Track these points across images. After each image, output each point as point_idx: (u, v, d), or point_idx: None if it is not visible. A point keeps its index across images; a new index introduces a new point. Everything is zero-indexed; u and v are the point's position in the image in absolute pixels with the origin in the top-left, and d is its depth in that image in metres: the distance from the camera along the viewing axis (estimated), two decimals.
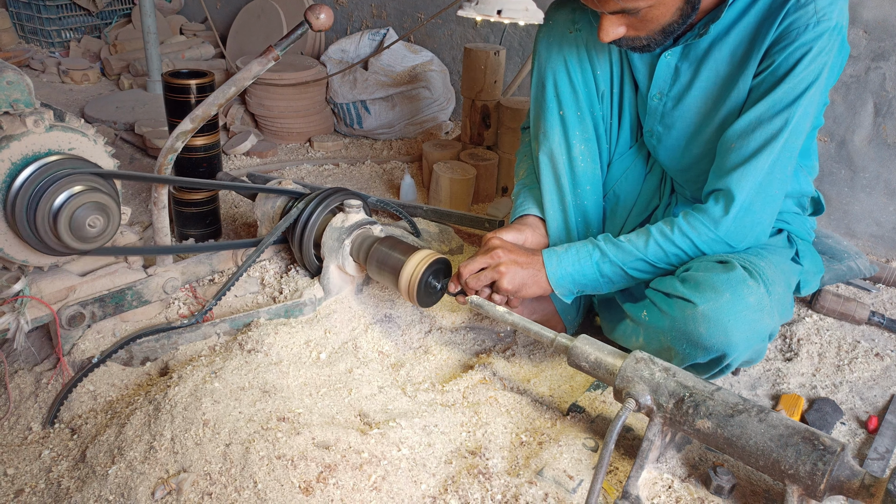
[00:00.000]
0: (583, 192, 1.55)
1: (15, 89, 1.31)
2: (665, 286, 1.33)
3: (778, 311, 1.33)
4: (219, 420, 1.23)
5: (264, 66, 1.43)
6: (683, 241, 1.35)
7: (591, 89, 1.50)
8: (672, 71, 1.40)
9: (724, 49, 1.33)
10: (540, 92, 1.52)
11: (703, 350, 1.27)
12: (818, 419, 1.47)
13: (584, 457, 1.28)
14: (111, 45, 3.77)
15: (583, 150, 1.52)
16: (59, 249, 1.35)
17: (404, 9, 3.22)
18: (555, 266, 1.41)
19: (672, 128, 1.44)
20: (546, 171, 1.55)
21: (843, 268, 1.91)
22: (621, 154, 1.58)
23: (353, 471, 1.18)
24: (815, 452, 1.04)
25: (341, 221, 1.61)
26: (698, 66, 1.37)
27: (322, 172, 2.65)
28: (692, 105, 1.40)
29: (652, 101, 1.45)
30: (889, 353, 1.71)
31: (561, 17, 1.48)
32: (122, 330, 1.52)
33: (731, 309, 1.24)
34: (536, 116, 1.55)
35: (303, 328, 1.53)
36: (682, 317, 1.27)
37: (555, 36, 1.48)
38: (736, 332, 1.24)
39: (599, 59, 1.47)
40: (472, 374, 1.52)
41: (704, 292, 1.26)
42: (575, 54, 1.47)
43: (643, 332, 1.40)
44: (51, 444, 1.29)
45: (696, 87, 1.38)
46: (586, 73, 1.48)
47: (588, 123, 1.51)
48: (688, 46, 1.37)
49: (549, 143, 1.53)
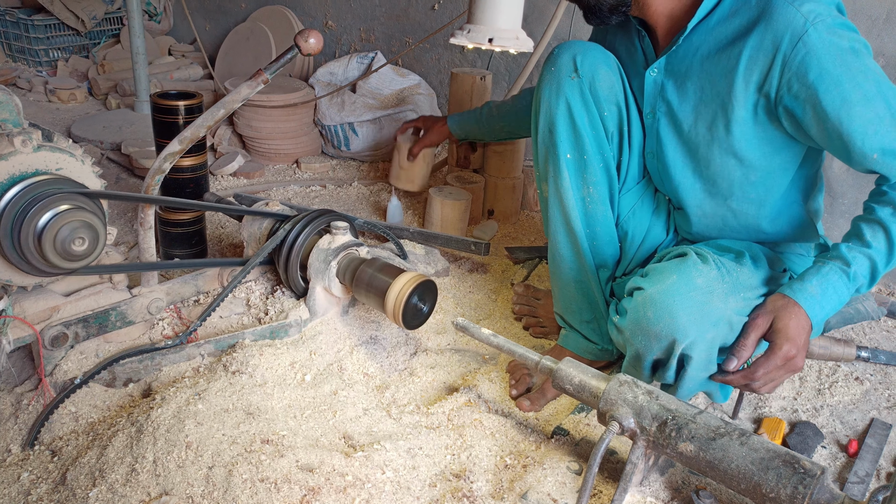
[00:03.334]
0: (594, 232, 1.53)
1: (3, 109, 1.31)
2: (630, 285, 1.36)
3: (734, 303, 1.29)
4: (202, 442, 1.23)
5: (253, 89, 1.44)
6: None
7: (600, 131, 1.47)
8: (659, 87, 1.40)
9: (707, 64, 1.32)
10: (546, 137, 1.50)
11: (654, 338, 1.27)
12: (799, 443, 1.48)
13: (568, 480, 1.28)
14: (99, 64, 3.77)
15: (591, 192, 1.50)
16: (44, 269, 1.35)
17: (392, 33, 3.25)
18: (818, 312, 1.25)
19: (668, 146, 1.44)
20: (556, 213, 1.54)
21: (851, 310, 1.86)
22: (629, 189, 1.56)
23: (336, 494, 1.17)
24: (795, 476, 1.05)
25: (328, 243, 1.62)
26: (683, 82, 1.37)
27: (309, 194, 2.66)
28: (684, 122, 1.39)
29: (647, 118, 1.46)
30: (868, 377, 1.73)
31: (563, 62, 1.46)
32: (105, 351, 1.51)
33: (677, 290, 1.25)
34: (544, 160, 1.53)
35: (288, 350, 1.53)
36: (634, 305, 1.30)
37: (557, 82, 1.46)
38: (682, 314, 1.24)
39: (607, 100, 1.46)
40: (457, 397, 1.52)
41: (653, 277, 1.29)
42: (579, 99, 1.45)
43: (614, 336, 1.42)
44: (30, 466, 1.27)
45: (684, 105, 1.38)
46: (593, 116, 1.46)
47: (596, 166, 1.48)
48: (670, 62, 1.37)
49: (558, 186, 1.51)
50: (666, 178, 1.49)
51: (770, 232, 1.46)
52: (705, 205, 1.45)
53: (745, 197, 1.41)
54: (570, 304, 1.61)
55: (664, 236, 1.58)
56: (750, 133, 1.33)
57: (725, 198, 1.42)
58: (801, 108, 1.24)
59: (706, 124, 1.36)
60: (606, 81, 1.44)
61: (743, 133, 1.33)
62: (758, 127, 1.32)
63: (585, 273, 1.56)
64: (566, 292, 1.61)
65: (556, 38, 2.67)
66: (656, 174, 1.52)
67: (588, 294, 1.58)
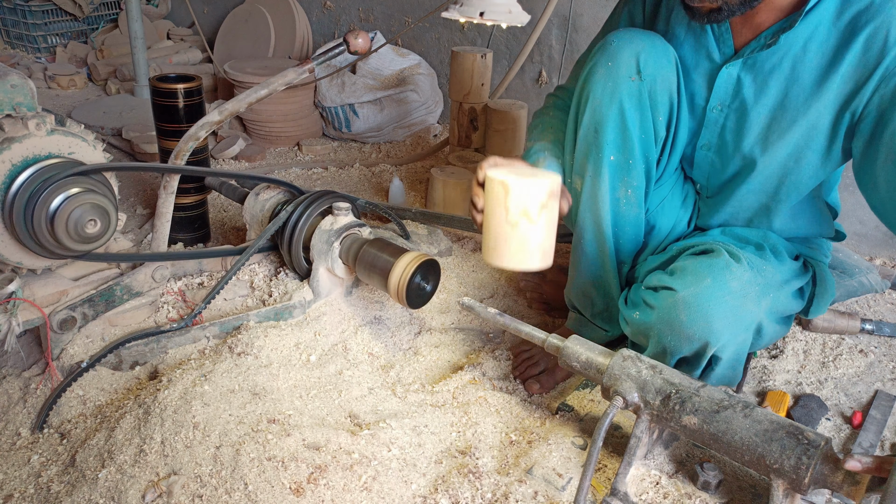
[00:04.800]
0: (622, 232, 1.46)
1: (18, 93, 1.33)
2: (653, 281, 1.33)
3: (766, 304, 1.29)
4: (209, 423, 1.24)
5: (299, 75, 1.51)
6: None
7: (650, 135, 1.37)
8: (734, 82, 1.30)
9: (798, 67, 1.23)
10: (591, 135, 1.38)
11: (686, 340, 1.26)
12: (804, 415, 1.48)
13: (573, 455, 1.29)
14: (98, 50, 3.76)
15: (628, 194, 1.42)
16: (55, 251, 1.36)
17: (392, 12, 3.23)
18: None
19: (729, 142, 1.35)
20: (586, 211, 1.46)
21: (855, 283, 1.86)
22: (661, 183, 1.48)
23: (343, 471, 1.18)
24: (799, 447, 1.05)
25: (330, 224, 1.62)
26: (765, 81, 1.26)
27: (311, 176, 2.65)
28: (756, 121, 1.30)
29: (712, 112, 1.35)
30: (873, 349, 1.73)
31: (624, 60, 1.32)
32: (111, 334, 1.52)
33: (712, 294, 1.22)
34: (583, 157, 1.41)
35: (292, 331, 1.54)
36: (665, 305, 1.27)
37: (613, 81, 1.33)
38: (717, 319, 1.23)
39: (663, 103, 1.35)
40: (461, 375, 1.53)
41: (685, 278, 1.25)
42: (636, 102, 1.33)
43: (631, 332, 1.41)
44: (40, 449, 1.29)
45: (761, 104, 1.28)
46: (646, 121, 1.35)
47: (639, 169, 1.39)
48: (752, 58, 1.27)
49: (596, 186, 1.42)
50: (714, 173, 1.43)
51: (792, 226, 1.44)
52: (745, 200, 1.39)
53: (787, 197, 1.36)
54: (585, 296, 1.57)
55: (686, 229, 1.53)
56: (821, 142, 1.26)
57: (769, 195, 1.37)
58: (881, 127, 1.16)
59: (780, 131, 1.28)
60: (667, 83, 1.33)
61: (815, 140, 1.26)
62: (830, 138, 1.26)
63: (606, 270, 1.51)
64: (583, 284, 1.56)
65: (556, 15, 2.65)
66: (705, 165, 1.43)
67: (604, 288, 1.54)
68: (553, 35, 2.73)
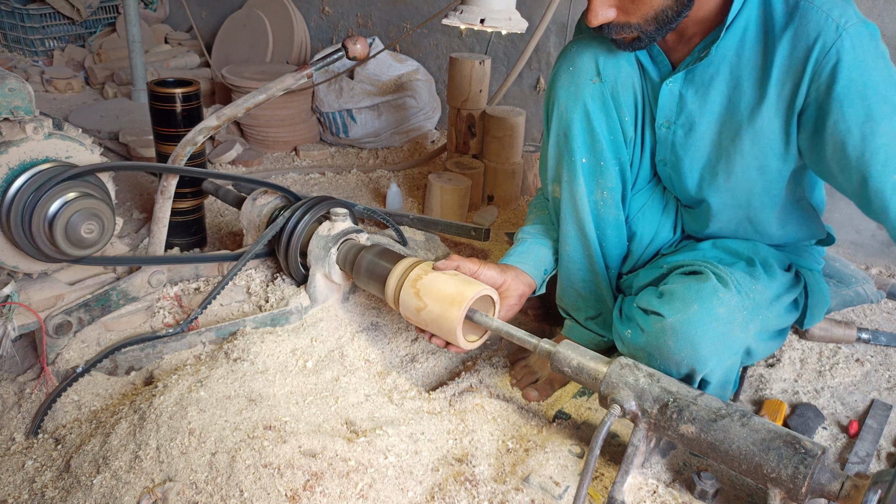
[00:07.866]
0: (605, 234, 1.48)
1: (16, 96, 1.33)
2: (644, 302, 1.33)
3: (754, 328, 1.30)
4: (204, 429, 1.23)
5: (297, 80, 1.50)
6: None
7: (618, 136, 1.40)
8: (677, 98, 1.33)
9: (735, 74, 1.25)
10: (562, 140, 1.42)
11: (674, 364, 1.27)
12: (800, 424, 1.48)
13: (570, 463, 1.28)
14: (95, 53, 3.75)
15: (604, 196, 1.43)
16: (52, 255, 1.36)
17: (390, 18, 3.23)
18: None
19: (684, 157, 1.37)
20: (568, 216, 1.48)
21: (851, 293, 1.85)
22: (639, 189, 1.50)
23: (339, 479, 1.18)
24: (796, 456, 1.05)
25: (328, 230, 1.62)
26: (707, 91, 1.29)
27: (308, 181, 2.65)
28: (705, 134, 1.32)
29: (660, 130, 1.38)
30: (869, 358, 1.73)
31: (583, 64, 1.36)
32: (106, 339, 1.52)
33: (700, 321, 1.23)
34: (557, 163, 1.45)
35: (289, 336, 1.53)
36: (653, 331, 1.27)
37: (575, 85, 1.37)
38: (704, 346, 1.24)
39: (626, 104, 1.38)
40: (458, 382, 1.52)
41: (674, 303, 1.26)
42: (600, 103, 1.36)
43: (626, 351, 1.40)
44: (34, 454, 1.28)
45: (706, 116, 1.31)
46: (612, 121, 1.38)
47: (612, 170, 1.41)
48: (691, 72, 1.30)
49: (572, 190, 1.44)
50: (679, 186, 1.43)
51: (782, 233, 1.44)
52: (720, 213, 1.40)
53: (763, 206, 1.37)
54: (576, 301, 1.58)
55: (671, 235, 1.53)
56: (778, 147, 1.27)
57: (744, 207, 1.38)
58: (821, 120, 1.18)
59: (730, 136, 1.30)
60: (629, 83, 1.36)
61: (771, 147, 1.27)
62: (786, 141, 1.26)
63: (595, 274, 1.52)
64: (573, 290, 1.57)
65: (554, 22, 2.66)
66: (668, 180, 1.47)
67: (595, 292, 1.54)
68: (551, 42, 2.74)
